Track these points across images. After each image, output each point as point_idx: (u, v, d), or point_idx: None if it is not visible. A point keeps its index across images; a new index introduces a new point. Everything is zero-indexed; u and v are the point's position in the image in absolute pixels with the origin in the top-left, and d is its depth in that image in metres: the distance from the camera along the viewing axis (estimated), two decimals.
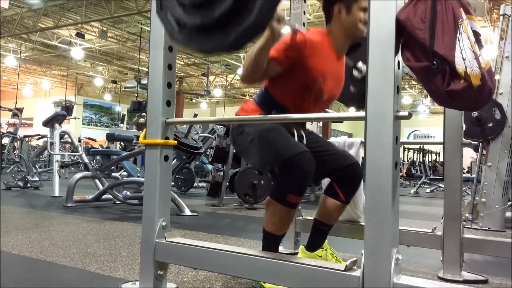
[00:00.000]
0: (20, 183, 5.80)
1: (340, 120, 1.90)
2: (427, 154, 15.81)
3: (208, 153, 6.13)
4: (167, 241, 1.48)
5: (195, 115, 6.29)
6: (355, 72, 1.85)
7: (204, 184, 5.95)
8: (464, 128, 2.11)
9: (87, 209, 4.03)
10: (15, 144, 9.93)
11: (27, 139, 9.43)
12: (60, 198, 4.66)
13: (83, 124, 22.03)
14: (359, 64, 1.84)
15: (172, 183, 5.18)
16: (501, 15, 3.88)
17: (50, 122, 5.64)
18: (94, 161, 8.71)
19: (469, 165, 10.98)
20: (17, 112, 8.05)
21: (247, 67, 1.52)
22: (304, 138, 1.69)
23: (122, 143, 9.86)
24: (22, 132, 9.44)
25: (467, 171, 10.45)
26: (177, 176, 5.99)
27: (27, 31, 14.28)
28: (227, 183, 4.70)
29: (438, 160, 16.54)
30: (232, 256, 1.34)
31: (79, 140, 5.68)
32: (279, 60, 1.57)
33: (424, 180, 10.15)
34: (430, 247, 2.02)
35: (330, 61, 1.69)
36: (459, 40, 1.13)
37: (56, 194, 4.97)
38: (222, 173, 4.72)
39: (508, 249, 1.84)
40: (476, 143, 3.95)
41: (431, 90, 1.17)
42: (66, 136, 5.95)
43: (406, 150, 14.68)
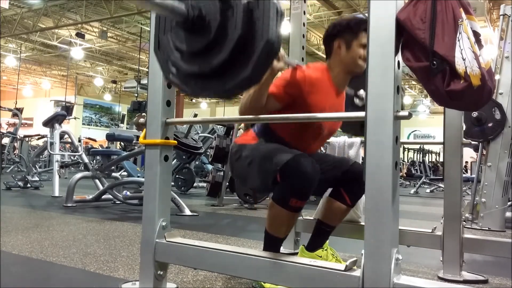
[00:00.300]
0: (20, 183, 5.80)
1: (340, 120, 1.91)
2: (427, 154, 15.80)
3: (208, 153, 6.13)
4: (167, 241, 1.48)
5: (195, 115, 6.28)
6: (356, 100, 1.87)
7: (204, 184, 5.95)
8: (464, 128, 2.11)
9: (87, 209, 4.03)
10: (15, 144, 9.93)
11: (27, 139, 9.43)
12: (60, 198, 4.66)
13: (83, 124, 22.05)
14: (360, 92, 1.85)
15: (172, 183, 5.18)
16: (501, 15, 3.88)
17: (50, 122, 5.65)
18: (94, 161, 8.70)
19: (468, 165, 10.98)
20: (17, 112, 8.06)
21: (245, 103, 1.50)
22: None
23: (122, 143, 9.85)
24: (22, 132, 9.45)
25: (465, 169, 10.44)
26: (177, 176, 5.99)
27: (27, 31, 14.30)
28: (227, 183, 4.70)
29: (438, 160, 16.53)
30: (232, 256, 1.34)
31: (79, 140, 5.68)
32: (279, 97, 1.57)
33: (424, 180, 10.15)
34: (430, 247, 2.01)
35: (330, 97, 1.69)
36: (459, 40, 1.13)
37: (56, 194, 4.97)
38: (222, 173, 4.72)
39: (508, 249, 1.84)
40: (476, 143, 3.95)
41: (431, 90, 1.17)
42: (66, 136, 5.96)
43: (406, 150, 14.68)
